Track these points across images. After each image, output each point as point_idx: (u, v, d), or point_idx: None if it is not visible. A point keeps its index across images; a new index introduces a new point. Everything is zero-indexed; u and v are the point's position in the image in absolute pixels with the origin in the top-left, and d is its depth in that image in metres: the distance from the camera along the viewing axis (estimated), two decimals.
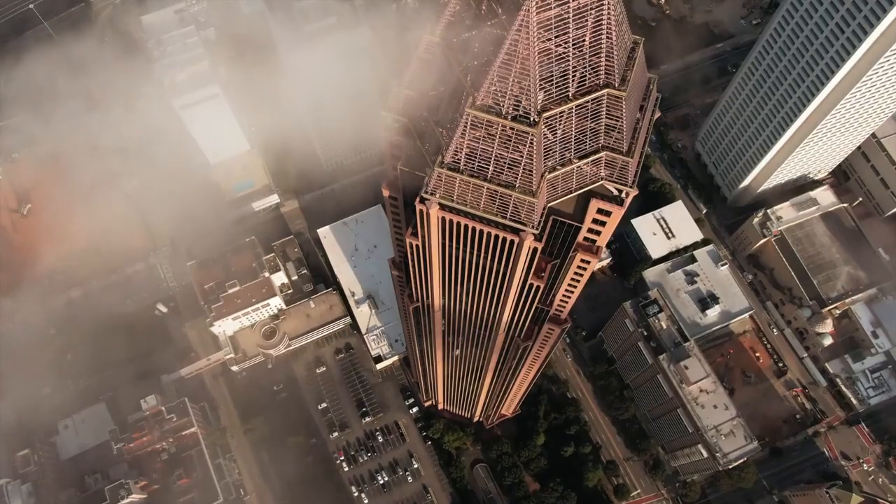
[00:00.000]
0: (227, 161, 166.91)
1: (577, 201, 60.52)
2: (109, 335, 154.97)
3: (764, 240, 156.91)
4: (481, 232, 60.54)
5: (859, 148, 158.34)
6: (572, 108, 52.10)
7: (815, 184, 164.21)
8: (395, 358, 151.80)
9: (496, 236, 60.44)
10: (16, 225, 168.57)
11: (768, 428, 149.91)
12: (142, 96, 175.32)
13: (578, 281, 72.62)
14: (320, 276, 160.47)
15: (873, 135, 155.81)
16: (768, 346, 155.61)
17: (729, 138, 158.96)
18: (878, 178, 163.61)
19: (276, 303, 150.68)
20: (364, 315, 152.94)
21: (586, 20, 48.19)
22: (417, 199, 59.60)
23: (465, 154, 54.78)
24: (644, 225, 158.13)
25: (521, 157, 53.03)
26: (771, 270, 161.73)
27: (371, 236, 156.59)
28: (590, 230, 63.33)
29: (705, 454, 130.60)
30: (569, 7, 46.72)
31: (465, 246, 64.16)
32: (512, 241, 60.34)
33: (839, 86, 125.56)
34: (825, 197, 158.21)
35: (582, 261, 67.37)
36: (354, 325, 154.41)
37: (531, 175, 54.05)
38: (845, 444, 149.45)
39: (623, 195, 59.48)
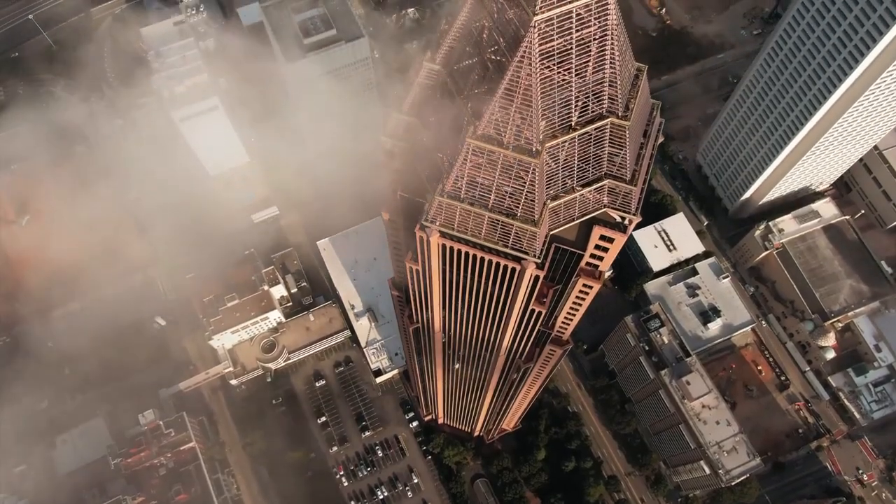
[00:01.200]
0: (227, 172, 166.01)
1: (580, 228, 59.81)
2: (107, 348, 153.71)
3: (766, 252, 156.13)
4: (482, 259, 59.77)
5: (861, 160, 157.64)
6: (575, 138, 51.41)
7: (817, 195, 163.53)
8: (395, 371, 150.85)
9: (497, 264, 59.67)
10: (14, 236, 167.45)
11: (770, 442, 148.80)
12: (141, 107, 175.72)
13: (581, 304, 71.84)
14: (320, 288, 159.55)
15: (875, 147, 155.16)
16: (770, 359, 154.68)
17: (730, 150, 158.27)
18: (880, 190, 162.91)
19: (276, 316, 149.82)
20: (364, 328, 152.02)
21: (590, 50, 47.53)
22: (417, 227, 58.84)
23: (466, 182, 54.04)
24: (645, 237, 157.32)
25: (523, 186, 52.29)
26: (773, 283, 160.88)
27: (371, 248, 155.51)
28: (592, 255, 62.62)
29: (708, 470, 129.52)
30: (572, 38, 46.04)
31: (465, 272, 63.36)
32: (513, 269, 59.56)
33: (842, 99, 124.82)
34: (827, 209, 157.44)
35: (584, 285, 66.61)
36: (354, 338, 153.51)
37: (533, 204, 53.28)
38: (848, 459, 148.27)
39: (626, 222, 58.77)
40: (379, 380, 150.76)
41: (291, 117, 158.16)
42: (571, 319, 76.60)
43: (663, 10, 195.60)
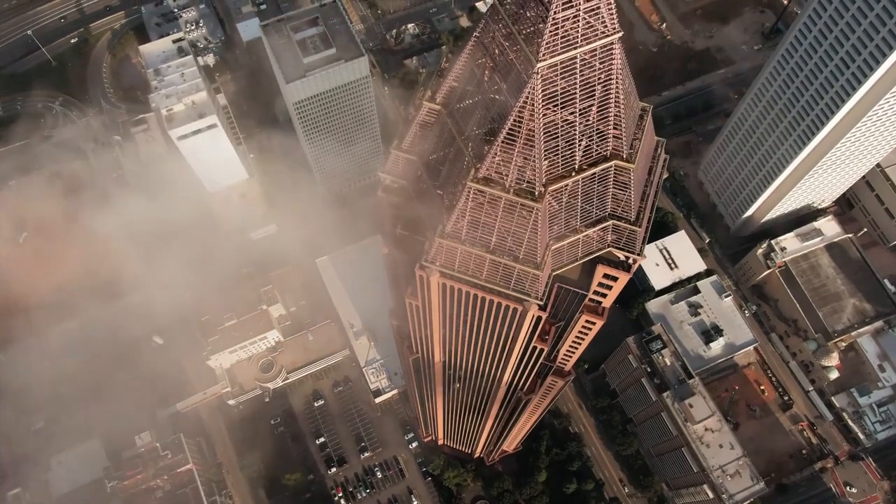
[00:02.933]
0: (226, 189, 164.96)
1: (583, 266, 58.69)
2: (105, 367, 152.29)
3: (768, 271, 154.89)
4: (483, 299, 58.58)
5: (863, 177, 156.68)
6: (579, 180, 50.33)
7: (819, 213, 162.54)
8: (395, 391, 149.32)
9: (499, 304, 58.47)
10: (11, 253, 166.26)
11: (774, 463, 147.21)
12: (140, 123, 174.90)
13: (584, 339, 70.66)
14: (319, 307, 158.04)
15: (878, 164, 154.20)
16: (773, 378, 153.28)
17: (732, 168, 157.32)
18: (883, 207, 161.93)
19: (274, 335, 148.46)
20: (363, 347, 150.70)
21: (594, 92, 46.52)
22: (417, 266, 57.69)
23: (467, 224, 52.93)
24: (646, 255, 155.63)
25: (525, 229, 51.17)
26: (775, 301, 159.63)
27: (371, 267, 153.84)
28: (596, 292, 61.48)
29: (711, 495, 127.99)
30: (576, 81, 45.04)
31: (466, 310, 62.18)
32: (515, 309, 58.35)
33: (847, 116, 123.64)
34: (830, 227, 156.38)
35: (588, 321, 65.44)
36: (354, 357, 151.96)
37: (536, 247, 52.15)
38: (852, 480, 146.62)
39: (630, 261, 57.66)
40: (378, 400, 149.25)
41: (292, 135, 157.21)
42: (574, 352, 75.39)
43: (664, 26, 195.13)
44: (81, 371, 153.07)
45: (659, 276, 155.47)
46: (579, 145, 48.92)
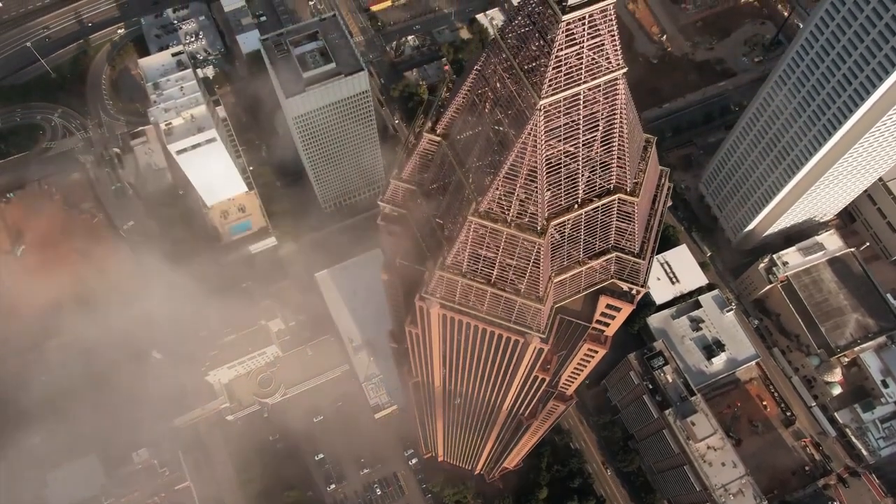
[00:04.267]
0: (224, 203, 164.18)
1: (586, 296, 57.75)
2: (102, 382, 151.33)
3: (770, 285, 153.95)
4: (484, 330, 57.65)
5: (865, 190, 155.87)
6: (581, 214, 49.47)
7: (821, 226, 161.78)
8: (394, 407, 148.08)
9: (500, 335, 57.53)
10: (8, 267, 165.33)
11: (777, 480, 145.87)
12: (139, 136, 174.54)
13: (586, 366, 69.68)
14: (318, 321, 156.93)
15: (879, 178, 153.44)
16: (776, 394, 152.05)
17: (734, 181, 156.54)
18: (885, 221, 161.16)
19: (273, 350, 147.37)
20: (362, 363, 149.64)
21: (597, 126, 45.72)
22: (417, 297, 56.78)
23: (468, 256, 52.05)
24: None
25: (527, 263, 50.30)
26: (777, 316, 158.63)
27: (370, 281, 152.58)
28: (598, 321, 60.55)
29: None
30: (579, 116, 44.22)
31: (466, 340, 61.23)
32: (517, 342, 57.41)
33: (851, 132, 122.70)
34: (832, 241, 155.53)
35: (590, 350, 64.50)
36: (353, 372, 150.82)
37: (538, 281, 51.26)
38: (856, 498, 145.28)
39: (634, 292, 56.77)
40: (378, 416, 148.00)
41: (292, 147, 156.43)
42: (576, 378, 74.40)
43: (664, 37, 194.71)
44: (79, 385, 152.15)
45: (660, 291, 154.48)
46: (582, 178, 48.09)
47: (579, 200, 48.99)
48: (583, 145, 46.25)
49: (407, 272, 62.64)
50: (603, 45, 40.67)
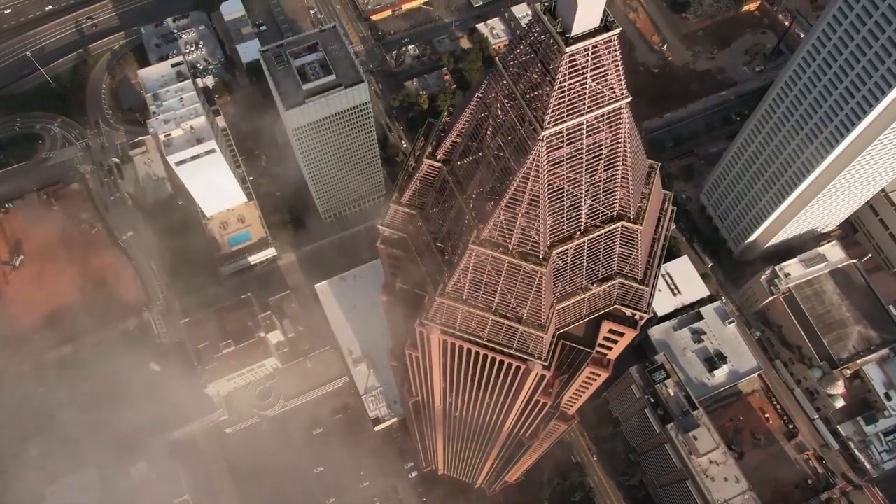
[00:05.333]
0: (224, 213, 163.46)
1: (588, 322, 57.00)
2: (100, 394, 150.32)
3: (772, 297, 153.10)
4: (485, 356, 56.89)
5: (867, 201, 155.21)
6: (584, 242, 48.77)
7: (823, 237, 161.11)
8: (394, 420, 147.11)
9: (501, 361, 56.78)
10: (7, 277, 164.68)
11: (779, 493, 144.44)
12: (138, 146, 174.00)
13: (589, 387, 68.88)
14: (318, 333, 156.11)
15: (882, 189, 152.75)
16: (778, 406, 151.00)
17: (735, 192, 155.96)
18: (887, 232, 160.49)
19: (272, 363, 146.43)
20: (362, 375, 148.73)
21: (601, 153, 45.06)
22: (417, 323, 56.04)
23: (469, 283, 51.33)
24: None
25: (529, 291, 49.56)
26: (779, 328, 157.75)
27: (370, 292, 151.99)
28: (601, 345, 59.81)
29: None
30: (582, 145, 43.55)
31: (467, 364, 60.46)
32: (518, 367, 56.67)
33: (854, 143, 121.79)
34: (834, 253, 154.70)
35: (592, 373, 63.71)
36: (353, 384, 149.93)
37: (540, 310, 50.53)
38: None
39: (637, 317, 56.04)
40: (377, 428, 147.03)
41: (292, 157, 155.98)
42: (578, 399, 73.59)
43: (665, 47, 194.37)
44: (77, 397, 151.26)
45: (661, 302, 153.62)
46: (585, 206, 47.40)
47: (582, 228, 48.28)
48: (586, 173, 45.58)
49: (408, 295, 61.92)
50: (607, 74, 40.04)
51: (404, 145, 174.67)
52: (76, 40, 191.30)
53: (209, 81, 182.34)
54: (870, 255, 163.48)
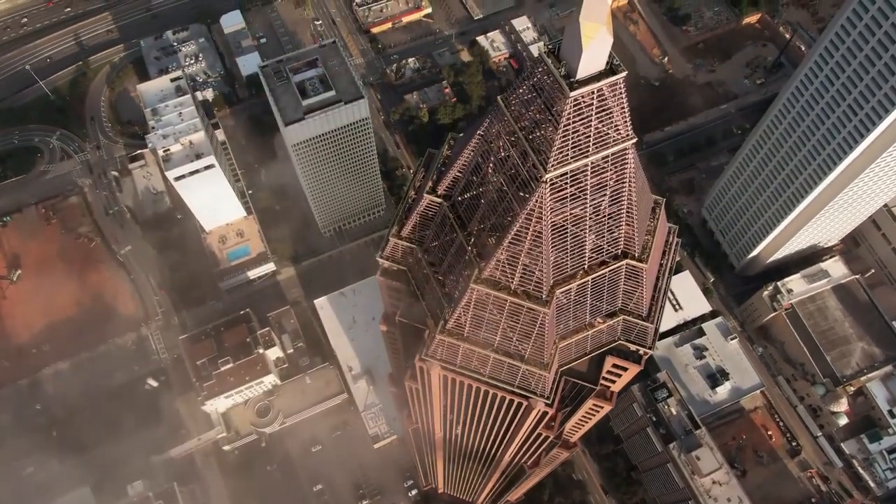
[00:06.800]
0: (223, 227, 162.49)
1: (591, 358, 55.95)
2: (97, 411, 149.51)
3: (774, 313, 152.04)
4: (486, 392, 55.83)
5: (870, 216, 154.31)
6: (588, 282, 47.79)
7: (825, 251, 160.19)
8: (394, 437, 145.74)
9: (502, 397, 55.71)
10: (4, 291, 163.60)
11: None
12: (137, 159, 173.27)
13: (591, 418, 67.79)
14: (317, 349, 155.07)
15: (884, 204, 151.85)
16: (781, 423, 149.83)
17: (737, 207, 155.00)
18: (890, 247, 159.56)
19: (271, 379, 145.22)
20: (361, 391, 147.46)
21: (605, 193, 44.11)
22: (417, 358, 55.00)
23: (470, 321, 50.31)
24: None
25: (532, 330, 48.55)
26: (782, 344, 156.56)
27: (369, 308, 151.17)
28: (604, 378, 58.73)
29: None
30: (587, 185, 42.60)
31: (468, 399, 59.38)
32: (520, 403, 55.59)
33: (859, 159, 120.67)
34: (836, 268, 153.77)
35: (595, 405, 62.62)
36: (352, 400, 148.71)
37: (543, 348, 49.51)
38: None
39: (641, 352, 55.02)
40: (377, 446, 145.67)
41: (291, 170, 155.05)
42: (581, 428, 72.45)
43: (665, 59, 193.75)
44: (73, 414, 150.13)
45: (663, 318, 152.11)
46: (589, 244, 46.43)
47: (586, 266, 47.32)
48: (590, 211, 44.65)
49: (408, 327, 60.88)
50: (612, 116, 39.17)
51: (405, 168, 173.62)
52: (75, 53, 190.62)
53: (209, 94, 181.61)
54: (872, 271, 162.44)
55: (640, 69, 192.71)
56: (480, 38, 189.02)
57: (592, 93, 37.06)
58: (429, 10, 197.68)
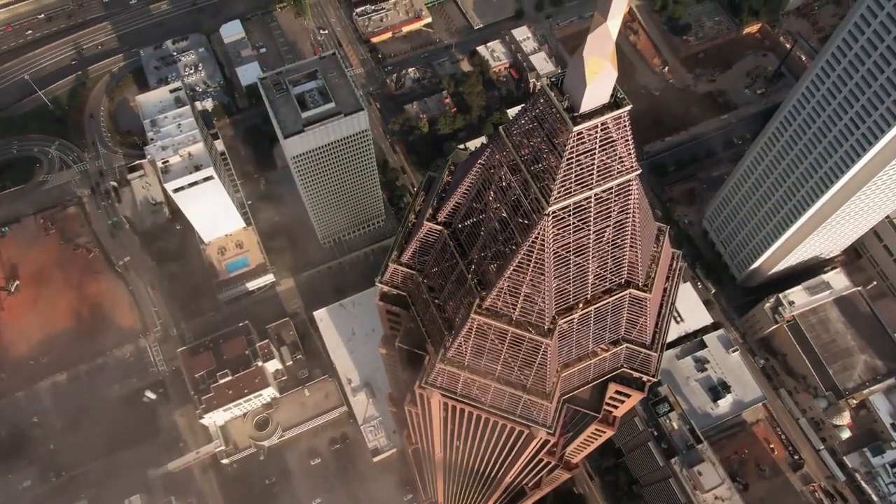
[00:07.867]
0: (222, 238, 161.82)
1: (594, 385, 55.19)
2: (95, 423, 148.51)
3: (776, 325, 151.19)
4: (487, 419, 55.04)
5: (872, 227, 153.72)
6: (591, 311, 47.06)
7: (827, 262, 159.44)
8: (393, 450, 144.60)
9: (503, 425, 54.91)
10: (2, 303, 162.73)
11: None
12: (136, 170, 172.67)
13: (593, 442, 66.95)
14: (316, 361, 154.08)
15: (886, 215, 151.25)
16: (783, 436, 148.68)
17: (739, 219, 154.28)
18: (892, 258, 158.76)
19: (270, 392, 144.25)
20: (361, 404, 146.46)
21: (609, 221, 43.42)
22: (417, 385, 54.22)
23: (471, 350, 49.57)
24: None
25: (534, 361, 47.81)
26: (784, 356, 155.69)
27: (369, 320, 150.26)
28: (607, 404, 57.94)
29: None
30: (590, 216, 41.92)
31: (468, 424, 58.56)
32: (521, 431, 54.78)
33: (862, 171, 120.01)
34: (838, 280, 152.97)
35: (597, 430, 61.81)
36: (352, 413, 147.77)
37: (545, 378, 48.75)
38: None
39: (644, 379, 54.26)
40: (376, 459, 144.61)
41: (291, 181, 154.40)
42: (583, 450, 71.61)
43: (665, 69, 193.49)
44: (71, 427, 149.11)
45: None
46: (592, 274, 45.72)
47: (589, 296, 46.60)
48: (593, 241, 43.97)
49: (408, 352, 60.12)
50: (616, 148, 38.53)
51: (407, 182, 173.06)
52: (75, 62, 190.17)
53: (208, 104, 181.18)
54: (874, 283, 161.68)
55: (640, 79, 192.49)
56: (480, 48, 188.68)
57: (596, 126, 36.42)
58: (429, 20, 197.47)
